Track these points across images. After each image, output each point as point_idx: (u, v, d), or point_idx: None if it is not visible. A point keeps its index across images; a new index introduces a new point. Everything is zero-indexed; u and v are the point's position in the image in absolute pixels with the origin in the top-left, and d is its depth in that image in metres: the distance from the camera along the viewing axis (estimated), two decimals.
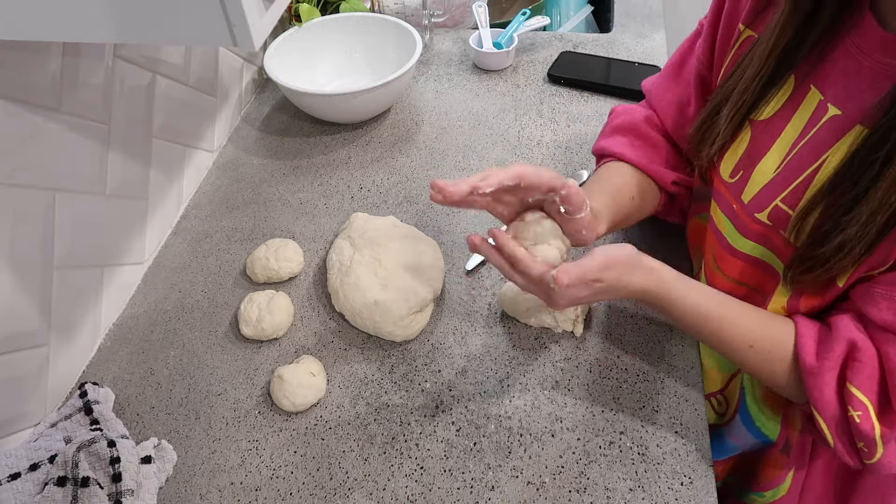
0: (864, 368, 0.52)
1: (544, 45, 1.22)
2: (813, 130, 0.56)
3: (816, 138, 0.55)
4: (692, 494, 0.62)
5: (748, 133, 0.61)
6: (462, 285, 0.82)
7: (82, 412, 0.68)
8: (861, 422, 0.52)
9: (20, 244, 0.66)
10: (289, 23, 1.14)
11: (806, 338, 0.56)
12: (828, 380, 0.54)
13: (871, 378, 0.52)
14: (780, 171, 0.58)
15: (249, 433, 0.69)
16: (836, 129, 0.54)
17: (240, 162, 1.03)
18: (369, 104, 1.02)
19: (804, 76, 0.57)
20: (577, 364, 0.73)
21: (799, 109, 0.57)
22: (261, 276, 0.83)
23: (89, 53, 0.73)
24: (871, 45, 0.51)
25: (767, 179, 0.60)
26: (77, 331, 0.76)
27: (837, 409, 0.54)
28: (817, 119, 0.55)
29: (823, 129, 0.55)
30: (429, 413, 0.70)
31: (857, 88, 0.53)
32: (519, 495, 0.63)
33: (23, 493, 0.60)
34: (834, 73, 0.55)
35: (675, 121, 0.75)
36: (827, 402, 0.54)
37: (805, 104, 0.57)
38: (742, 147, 0.62)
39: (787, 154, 0.58)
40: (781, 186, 0.58)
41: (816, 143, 0.55)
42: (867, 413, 0.52)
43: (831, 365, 0.54)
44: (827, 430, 0.55)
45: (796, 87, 0.57)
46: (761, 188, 0.60)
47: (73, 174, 0.73)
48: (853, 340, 0.53)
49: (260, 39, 0.49)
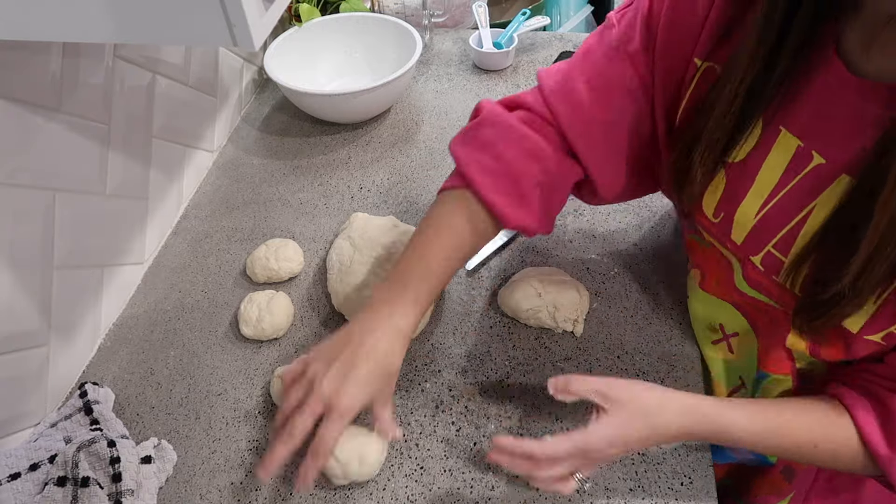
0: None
1: (544, 45, 1.22)
2: (796, 179, 0.54)
3: (801, 187, 0.54)
4: (692, 494, 0.62)
5: (723, 175, 0.59)
6: (462, 285, 0.82)
7: (82, 412, 0.68)
8: None
9: (20, 244, 0.66)
10: (289, 23, 1.14)
11: (870, 427, 0.54)
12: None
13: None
14: (765, 217, 0.57)
15: (249, 433, 0.69)
16: (821, 177, 0.52)
17: (240, 162, 1.03)
18: (369, 104, 1.02)
19: (771, 118, 0.54)
20: (577, 364, 0.73)
21: (772, 152, 0.55)
22: (261, 276, 0.83)
23: (89, 53, 0.73)
24: (845, 89, 0.49)
25: (751, 223, 0.58)
26: (77, 331, 0.76)
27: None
28: (800, 166, 0.53)
29: (809, 178, 0.53)
30: (429, 413, 0.70)
31: (838, 133, 0.51)
32: (519, 495, 0.63)
33: (23, 493, 0.60)
34: (807, 116, 0.52)
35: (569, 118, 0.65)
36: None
37: (778, 147, 0.55)
38: (720, 189, 0.60)
39: (769, 199, 0.56)
40: (770, 233, 0.57)
41: (801, 192, 0.54)
42: None
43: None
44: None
45: (764, 128, 0.55)
46: (748, 233, 0.59)
47: (73, 174, 0.73)
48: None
49: (260, 39, 0.49)
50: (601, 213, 0.89)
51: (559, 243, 0.86)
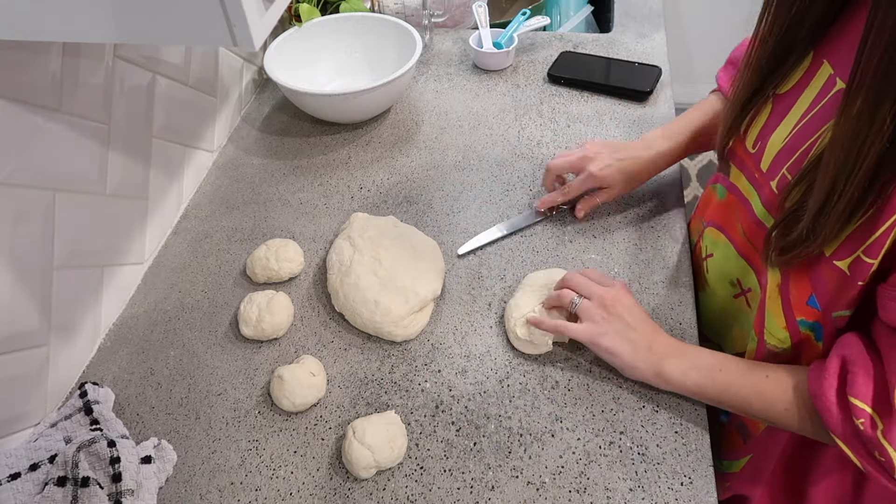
0: (858, 378, 0.53)
1: (544, 45, 1.22)
2: (821, 103, 0.57)
3: (823, 110, 0.57)
4: (692, 494, 0.62)
5: (770, 106, 0.64)
6: (462, 285, 0.82)
7: (82, 412, 0.68)
8: (865, 428, 0.52)
9: (20, 244, 0.66)
10: (289, 23, 1.14)
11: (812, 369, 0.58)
12: (830, 397, 0.54)
13: (867, 385, 0.53)
14: (788, 141, 0.61)
15: (249, 433, 0.69)
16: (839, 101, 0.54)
17: (240, 162, 1.03)
18: (369, 104, 1.02)
19: (820, 52, 0.59)
20: (577, 364, 0.73)
21: (811, 83, 0.59)
22: (261, 276, 0.83)
23: (89, 53, 0.73)
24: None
25: (779, 148, 0.62)
26: (77, 331, 0.76)
27: (844, 423, 0.54)
28: (826, 92, 0.57)
29: (830, 102, 0.56)
30: (429, 413, 0.70)
31: None
32: (519, 495, 0.63)
33: (23, 493, 0.60)
34: (845, 48, 0.56)
35: None
36: (835, 419, 0.54)
37: (817, 78, 0.59)
38: (763, 119, 0.65)
39: (797, 124, 0.60)
40: (788, 155, 0.60)
41: (821, 115, 0.57)
42: (868, 418, 0.52)
43: (829, 383, 0.55)
44: (848, 451, 0.55)
45: (813, 61, 0.60)
46: (774, 156, 0.62)
47: (73, 174, 0.73)
48: (844, 355, 0.54)
49: (260, 39, 0.49)
50: (601, 213, 0.89)
51: (559, 243, 0.86)
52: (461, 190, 0.95)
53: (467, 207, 0.92)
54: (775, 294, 0.61)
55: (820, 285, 0.57)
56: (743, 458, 0.70)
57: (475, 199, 0.93)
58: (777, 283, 0.61)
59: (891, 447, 0.51)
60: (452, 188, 0.95)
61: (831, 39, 0.58)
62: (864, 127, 0.46)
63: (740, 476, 0.71)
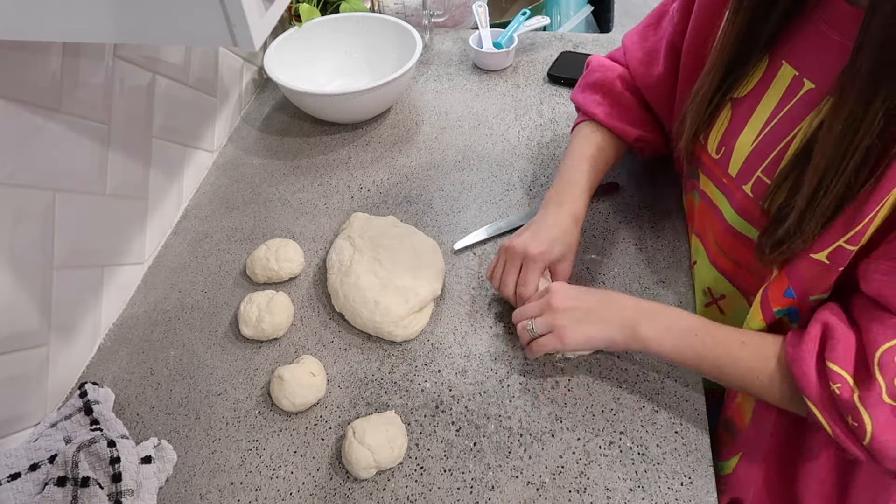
0: (838, 345, 0.54)
1: (544, 45, 1.22)
2: (789, 105, 0.59)
3: (792, 111, 0.58)
4: (692, 494, 0.62)
5: (729, 111, 0.65)
6: (462, 285, 0.82)
7: (82, 412, 0.68)
8: (841, 392, 0.53)
9: (20, 244, 0.66)
10: (289, 23, 1.14)
11: (790, 335, 0.59)
12: (808, 362, 0.55)
13: (847, 351, 0.54)
14: (758, 144, 0.62)
15: (249, 433, 0.69)
16: (810, 101, 0.57)
17: (240, 162, 1.03)
18: (369, 104, 1.02)
19: (777, 53, 0.60)
20: (577, 364, 0.73)
21: (772, 84, 0.61)
22: (261, 276, 0.83)
23: (89, 53, 0.73)
24: (839, 20, 0.54)
25: (747, 152, 0.63)
26: (77, 331, 0.76)
27: (820, 388, 0.55)
28: (793, 93, 0.58)
29: (799, 103, 0.58)
30: (429, 413, 0.70)
31: (829, 62, 0.55)
32: (519, 495, 0.63)
33: (23, 493, 0.60)
34: (804, 49, 0.58)
35: (643, 79, 0.80)
36: (811, 384, 0.55)
37: (778, 79, 0.60)
38: (724, 124, 0.66)
39: (764, 127, 0.61)
40: (761, 158, 0.61)
41: (791, 116, 0.58)
42: (846, 383, 0.53)
43: (809, 347, 0.56)
44: (820, 415, 0.56)
45: (770, 64, 0.61)
46: (744, 161, 0.63)
47: (73, 174, 0.73)
48: (826, 322, 0.56)
49: (260, 39, 0.49)
50: (601, 213, 0.89)
51: None
52: (461, 190, 0.95)
53: (467, 207, 0.92)
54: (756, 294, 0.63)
55: (796, 278, 0.58)
56: (733, 457, 0.70)
57: (475, 199, 0.93)
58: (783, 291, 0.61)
59: (865, 411, 0.52)
60: (452, 188, 0.95)
61: (786, 42, 0.59)
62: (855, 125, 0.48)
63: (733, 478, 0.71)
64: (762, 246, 0.59)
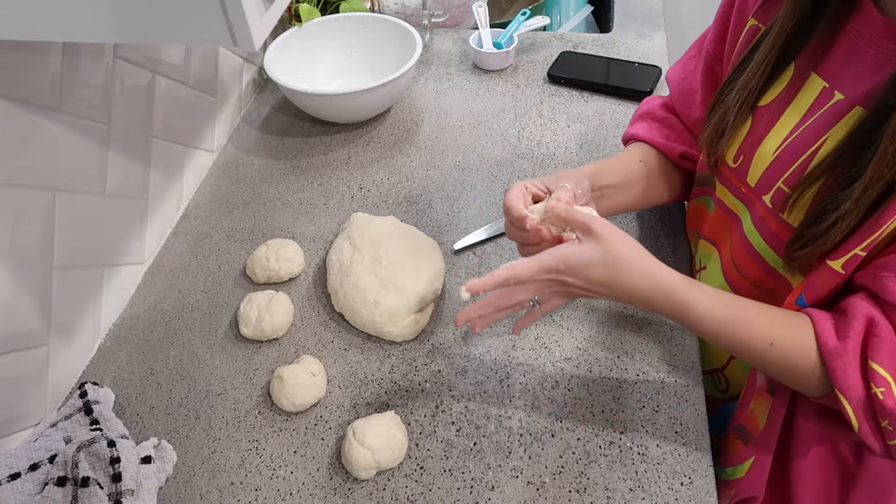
0: (883, 344, 0.52)
1: (544, 45, 1.22)
2: (815, 115, 0.58)
3: (818, 122, 0.57)
4: (692, 494, 0.62)
5: (748, 119, 0.64)
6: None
7: (82, 412, 0.68)
8: (885, 398, 0.51)
9: (20, 244, 0.66)
10: (289, 23, 1.14)
11: (824, 322, 0.56)
12: (851, 360, 0.53)
13: (892, 353, 0.52)
14: (781, 154, 0.60)
15: (249, 433, 0.69)
16: (837, 111, 0.56)
17: (240, 162, 1.03)
18: (369, 104, 1.02)
19: (804, 64, 0.59)
20: (577, 364, 0.73)
21: (799, 94, 0.59)
22: (261, 276, 0.83)
23: (89, 53, 0.73)
24: (874, 32, 0.53)
25: (768, 162, 0.61)
26: (77, 331, 0.76)
27: (862, 389, 0.53)
28: (821, 105, 0.57)
29: (826, 114, 0.57)
30: (429, 413, 0.70)
31: (861, 74, 0.54)
32: (519, 495, 0.63)
33: (23, 493, 0.60)
34: (836, 61, 0.57)
35: (684, 107, 0.79)
36: (852, 383, 0.53)
37: (805, 90, 0.59)
38: (743, 132, 0.64)
39: (788, 137, 0.60)
40: (782, 169, 0.60)
41: (817, 127, 0.57)
42: (890, 389, 0.51)
43: (853, 344, 0.53)
44: (852, 412, 0.54)
45: (796, 74, 0.60)
46: (764, 171, 0.62)
47: (73, 174, 0.73)
48: (871, 316, 0.53)
49: (260, 39, 0.49)
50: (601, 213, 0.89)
51: None
52: (461, 190, 0.95)
53: (467, 207, 0.92)
54: None
55: (810, 287, 0.58)
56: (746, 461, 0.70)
57: (475, 199, 0.93)
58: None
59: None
60: (452, 188, 0.95)
61: (814, 52, 0.58)
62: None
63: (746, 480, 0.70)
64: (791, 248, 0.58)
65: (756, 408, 0.67)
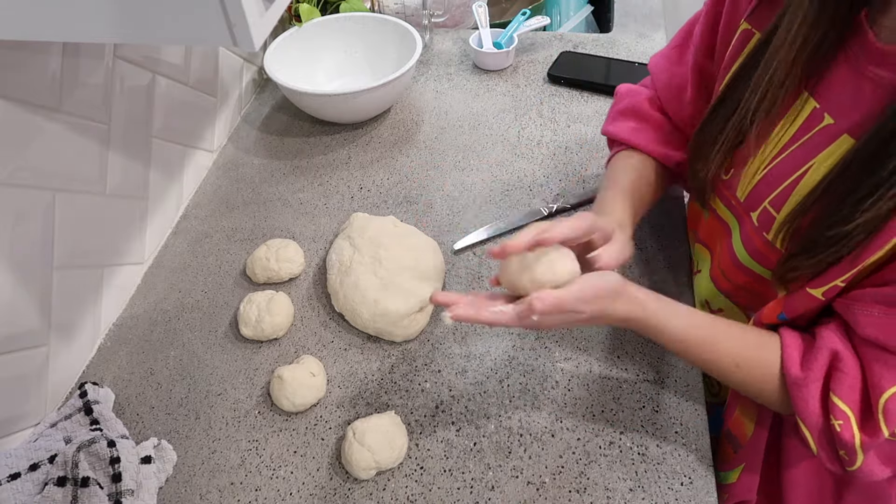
0: (845, 379, 0.53)
1: (544, 45, 1.22)
2: (805, 137, 0.57)
3: (806, 145, 0.57)
4: (692, 494, 0.62)
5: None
6: (462, 285, 0.82)
7: (82, 412, 0.68)
8: (842, 431, 0.53)
9: (20, 244, 0.66)
10: (289, 23, 1.14)
11: (791, 349, 0.57)
12: (812, 390, 0.54)
13: (853, 388, 0.53)
14: (767, 174, 0.60)
15: (249, 433, 0.69)
16: (825, 136, 0.55)
17: (240, 162, 1.03)
18: (369, 104, 1.02)
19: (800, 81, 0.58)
20: (578, 364, 0.73)
21: (789, 113, 0.59)
22: (261, 276, 0.83)
23: (89, 53, 0.73)
24: (868, 58, 0.52)
25: (757, 178, 0.61)
26: (77, 331, 0.76)
27: (821, 419, 0.54)
28: (810, 127, 0.57)
29: (815, 137, 0.56)
30: (429, 413, 0.70)
31: (852, 100, 0.54)
32: (519, 495, 0.63)
33: (23, 493, 0.60)
34: (830, 82, 0.56)
35: (673, 104, 0.78)
36: (811, 413, 0.54)
37: (796, 109, 0.58)
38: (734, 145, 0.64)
39: (776, 157, 0.60)
40: (769, 189, 0.60)
41: (805, 150, 0.57)
42: (848, 423, 0.53)
43: (815, 376, 0.54)
44: (811, 439, 0.55)
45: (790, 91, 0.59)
46: (753, 187, 0.62)
47: (73, 174, 0.73)
48: (836, 351, 0.54)
49: (260, 39, 0.49)
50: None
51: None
52: (461, 190, 0.95)
53: (467, 207, 0.92)
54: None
55: (790, 307, 0.58)
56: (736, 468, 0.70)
57: (475, 199, 0.93)
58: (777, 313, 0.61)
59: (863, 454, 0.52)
60: (452, 188, 0.95)
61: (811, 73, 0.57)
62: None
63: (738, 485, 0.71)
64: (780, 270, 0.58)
65: (742, 414, 0.68)
